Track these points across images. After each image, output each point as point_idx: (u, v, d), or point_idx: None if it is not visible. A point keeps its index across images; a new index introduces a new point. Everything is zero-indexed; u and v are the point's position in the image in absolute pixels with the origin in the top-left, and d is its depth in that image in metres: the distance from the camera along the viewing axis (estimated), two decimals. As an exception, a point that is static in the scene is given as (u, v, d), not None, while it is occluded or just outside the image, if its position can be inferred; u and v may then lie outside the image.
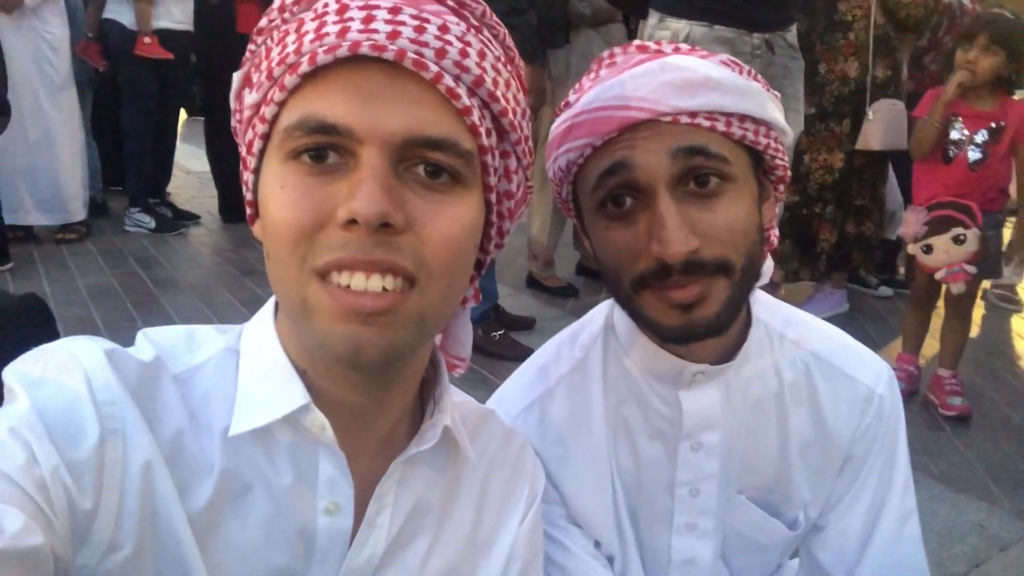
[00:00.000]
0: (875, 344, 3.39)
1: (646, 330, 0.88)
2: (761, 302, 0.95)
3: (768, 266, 0.92)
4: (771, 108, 0.81)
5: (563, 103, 0.86)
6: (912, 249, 2.76)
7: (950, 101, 2.69)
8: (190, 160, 6.37)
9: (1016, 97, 2.72)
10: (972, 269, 2.65)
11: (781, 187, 0.89)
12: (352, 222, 0.55)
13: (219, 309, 3.37)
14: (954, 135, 2.73)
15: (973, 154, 2.69)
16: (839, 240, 3.63)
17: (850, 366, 0.95)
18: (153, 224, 4.60)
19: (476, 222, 0.64)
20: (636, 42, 0.85)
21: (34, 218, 4.17)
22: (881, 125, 3.37)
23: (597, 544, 0.97)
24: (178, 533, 0.60)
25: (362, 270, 0.57)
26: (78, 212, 4.30)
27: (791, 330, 0.95)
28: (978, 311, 3.90)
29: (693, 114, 0.76)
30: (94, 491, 0.56)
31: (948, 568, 1.97)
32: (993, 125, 2.68)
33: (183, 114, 5.98)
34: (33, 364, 0.60)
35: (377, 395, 0.67)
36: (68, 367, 0.59)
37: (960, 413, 2.75)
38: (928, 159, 2.81)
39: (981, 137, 2.68)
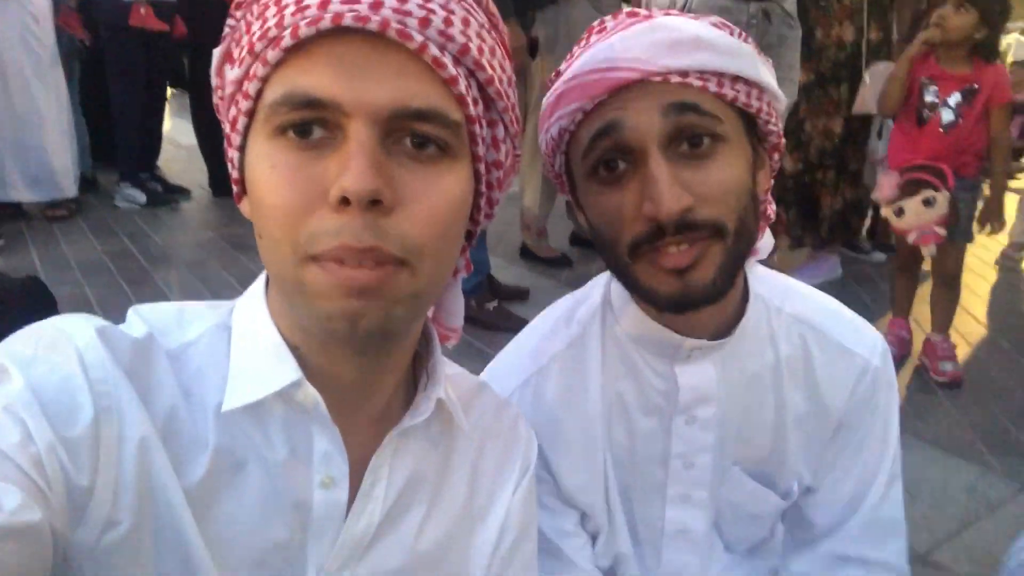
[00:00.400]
0: (868, 309, 3.41)
1: (643, 301, 0.88)
2: (758, 276, 0.95)
3: (768, 241, 0.92)
4: (763, 71, 0.80)
5: (554, 73, 0.85)
6: (885, 212, 2.79)
7: (915, 56, 2.71)
8: (178, 134, 6.31)
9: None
10: (942, 231, 2.66)
11: (776, 156, 0.88)
12: (344, 201, 0.55)
13: (212, 285, 3.36)
14: (928, 98, 2.74)
15: (946, 116, 2.69)
16: (843, 207, 3.64)
17: (846, 338, 0.95)
18: (144, 199, 4.57)
19: (466, 194, 0.64)
20: (627, 8, 0.84)
21: (23, 195, 4.12)
22: (877, 88, 3.34)
23: (585, 518, 0.99)
24: (175, 509, 0.60)
25: (354, 254, 0.56)
26: (69, 188, 4.26)
27: (788, 303, 0.95)
28: (980, 273, 3.93)
29: (684, 73, 0.75)
30: (90, 468, 0.56)
31: (939, 529, 2.00)
32: (967, 87, 2.68)
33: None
34: (24, 343, 0.60)
35: (370, 370, 0.68)
36: (60, 345, 0.59)
37: (951, 379, 2.78)
38: (903, 123, 2.82)
39: (954, 100, 2.69)
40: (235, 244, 3.93)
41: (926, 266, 2.92)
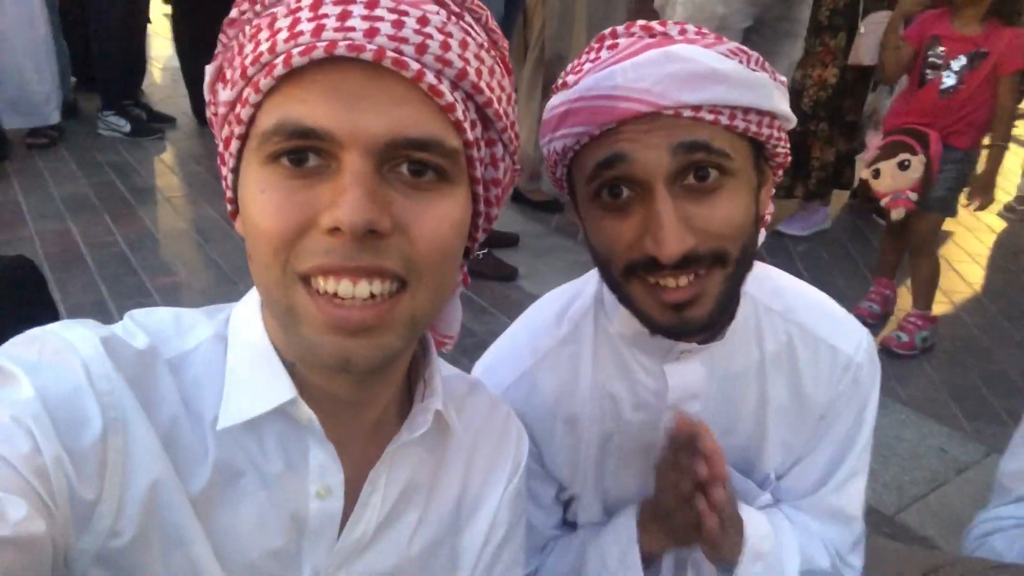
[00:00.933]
0: (855, 263, 3.44)
1: (637, 320, 0.88)
2: (750, 274, 0.96)
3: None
4: (777, 98, 0.79)
5: (560, 82, 0.84)
6: (864, 173, 2.74)
7: (905, 13, 2.62)
8: (162, 55, 6.12)
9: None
10: (914, 196, 2.60)
11: (780, 172, 0.88)
12: (336, 229, 0.54)
13: (199, 223, 3.33)
14: (932, 58, 2.64)
15: (947, 80, 2.60)
16: (834, 158, 3.61)
17: (832, 335, 0.97)
18: (128, 127, 4.43)
19: (464, 218, 0.63)
20: (640, 22, 0.81)
21: (4, 120, 4.01)
22: (873, 39, 3.26)
23: (562, 489, 1.03)
24: (182, 518, 0.62)
25: (348, 275, 0.56)
26: (51, 115, 4.13)
27: (777, 301, 0.97)
28: (976, 233, 3.93)
29: (697, 108, 0.74)
30: (96, 481, 0.57)
31: (908, 491, 2.08)
32: (973, 50, 2.57)
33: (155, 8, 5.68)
34: (28, 347, 0.59)
35: (365, 389, 0.68)
36: (64, 354, 0.59)
37: (902, 348, 2.75)
38: (909, 83, 2.73)
39: (958, 63, 2.58)
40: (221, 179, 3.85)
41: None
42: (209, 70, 0.63)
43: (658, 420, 0.96)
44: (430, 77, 0.56)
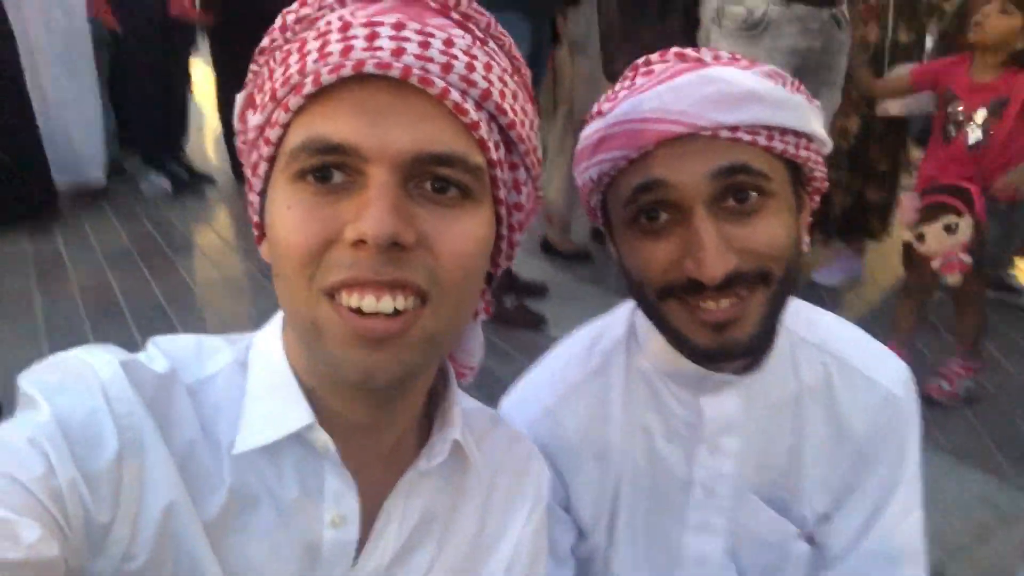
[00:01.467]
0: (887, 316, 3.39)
1: (673, 343, 0.85)
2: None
3: None
4: (812, 120, 0.78)
5: (595, 111, 0.84)
6: (907, 237, 2.60)
7: (937, 63, 2.58)
8: (204, 118, 6.35)
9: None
10: (967, 259, 2.45)
11: (817, 197, 0.88)
12: (361, 242, 0.55)
13: (234, 276, 3.40)
14: (952, 113, 2.54)
15: (973, 135, 2.48)
16: (855, 204, 3.60)
17: (869, 367, 0.95)
18: (169, 185, 4.61)
19: (487, 236, 0.63)
20: (674, 49, 0.81)
21: (53, 178, 4.18)
22: (899, 91, 3.30)
23: (581, 538, 0.99)
24: (196, 544, 0.61)
25: (372, 290, 0.56)
26: (96, 174, 4.32)
27: (812, 332, 0.95)
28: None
29: (734, 128, 0.74)
30: (111, 503, 0.57)
31: (952, 542, 1.99)
32: (994, 98, 2.45)
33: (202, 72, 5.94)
34: (50, 372, 0.60)
35: (383, 412, 0.68)
36: (85, 377, 0.60)
37: (945, 397, 2.64)
38: (934, 138, 2.64)
39: (981, 115, 2.47)
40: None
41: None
42: (239, 98, 0.64)
43: (692, 454, 0.94)
44: (455, 95, 0.57)
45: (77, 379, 0.60)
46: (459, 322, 0.65)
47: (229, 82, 4.69)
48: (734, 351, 0.79)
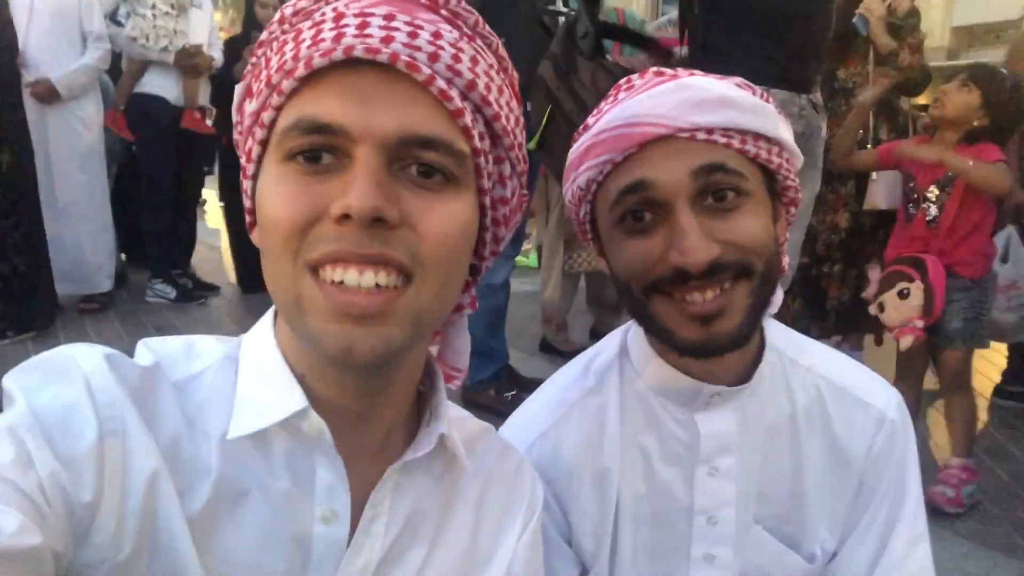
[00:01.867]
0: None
1: (662, 342, 0.87)
2: (773, 328, 0.96)
3: (777, 296, 0.94)
4: (783, 129, 0.84)
5: (581, 127, 0.89)
6: (873, 309, 2.64)
7: (865, 105, 2.76)
8: (214, 236, 6.51)
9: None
10: (920, 324, 2.46)
11: (793, 210, 0.91)
12: (345, 217, 0.57)
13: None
14: (909, 190, 2.64)
15: (930, 211, 2.56)
16: (851, 299, 3.62)
17: (861, 390, 0.96)
18: (174, 294, 4.66)
19: (470, 221, 0.65)
20: (653, 68, 0.87)
21: (59, 287, 4.24)
22: (885, 185, 3.37)
23: (584, 572, 0.97)
24: (176, 536, 0.60)
25: (355, 264, 0.58)
26: (103, 283, 4.38)
27: (803, 356, 0.97)
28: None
29: (710, 130, 0.79)
30: (94, 486, 0.57)
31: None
32: (945, 175, 2.53)
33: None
34: (33, 371, 0.60)
35: (372, 399, 0.68)
36: (68, 371, 0.60)
37: (951, 507, 2.46)
38: (897, 218, 2.73)
39: (934, 192, 2.57)
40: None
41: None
42: (238, 90, 0.68)
43: (691, 478, 0.92)
44: (440, 82, 0.60)
45: (59, 373, 0.60)
46: (443, 305, 0.66)
47: (237, 199, 4.83)
48: (721, 343, 0.80)
